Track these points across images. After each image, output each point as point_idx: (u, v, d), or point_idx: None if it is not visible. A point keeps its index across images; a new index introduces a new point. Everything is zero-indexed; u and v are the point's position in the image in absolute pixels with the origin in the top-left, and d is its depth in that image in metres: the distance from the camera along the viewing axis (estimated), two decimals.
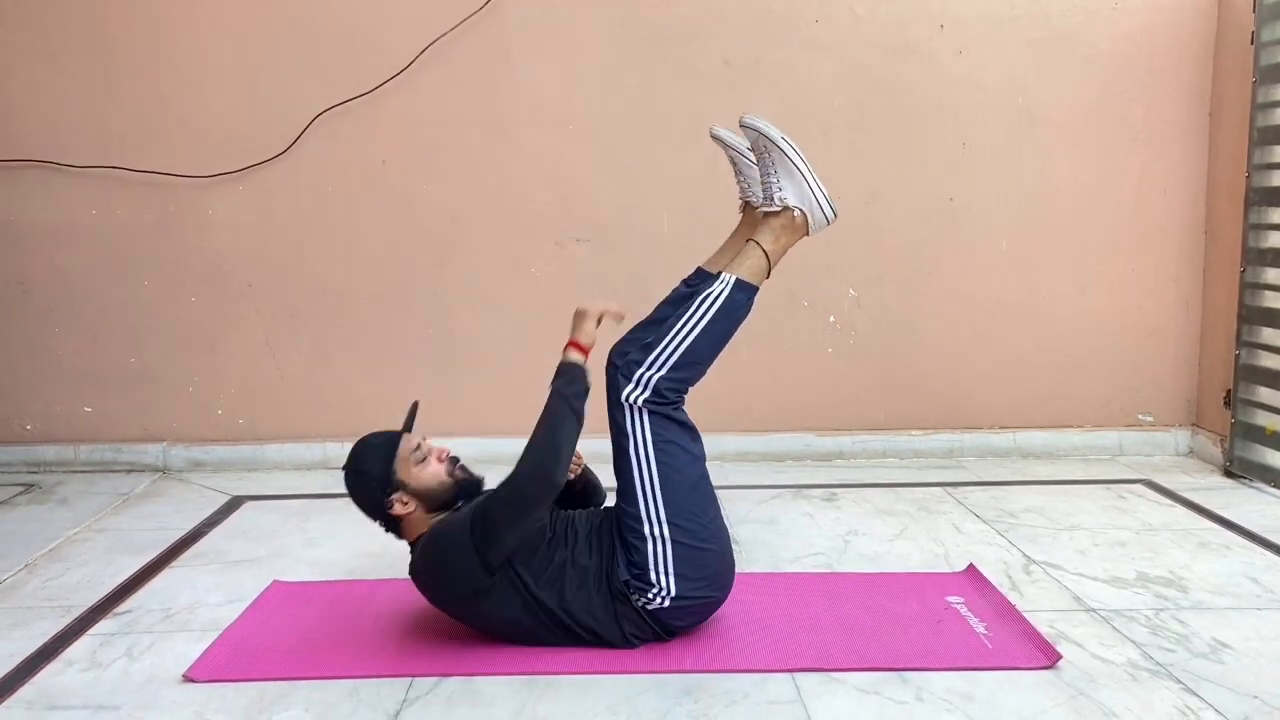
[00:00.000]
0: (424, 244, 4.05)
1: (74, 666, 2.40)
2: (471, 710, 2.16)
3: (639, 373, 2.38)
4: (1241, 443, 3.84)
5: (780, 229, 2.51)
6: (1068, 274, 4.15)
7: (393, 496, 2.35)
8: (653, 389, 2.37)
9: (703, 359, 2.43)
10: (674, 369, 2.39)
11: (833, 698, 2.21)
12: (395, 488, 2.35)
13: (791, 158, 2.48)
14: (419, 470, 2.37)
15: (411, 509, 2.37)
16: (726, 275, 2.47)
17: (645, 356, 2.39)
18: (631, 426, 2.37)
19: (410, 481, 2.36)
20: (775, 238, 2.51)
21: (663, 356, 2.39)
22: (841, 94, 4.02)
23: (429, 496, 2.37)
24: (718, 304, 2.43)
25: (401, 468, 2.36)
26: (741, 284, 2.46)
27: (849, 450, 4.18)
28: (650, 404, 2.37)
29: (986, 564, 2.97)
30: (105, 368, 4.07)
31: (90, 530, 3.39)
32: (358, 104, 3.93)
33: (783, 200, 2.50)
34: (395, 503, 2.35)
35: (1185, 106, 4.06)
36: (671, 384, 2.38)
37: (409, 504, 2.36)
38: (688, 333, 2.41)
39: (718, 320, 2.42)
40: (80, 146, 3.94)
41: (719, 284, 2.45)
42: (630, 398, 2.37)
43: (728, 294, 2.44)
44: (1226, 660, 2.36)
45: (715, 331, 2.42)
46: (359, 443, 2.43)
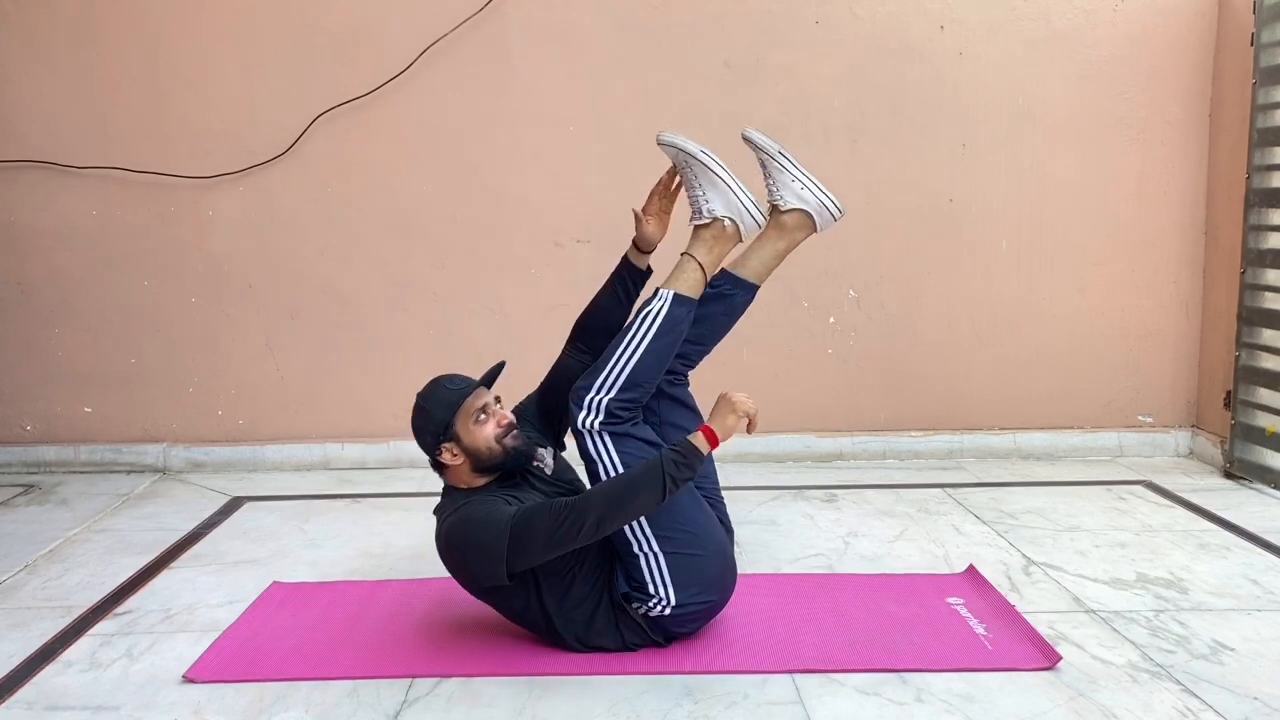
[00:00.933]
0: (424, 245, 4.05)
1: (74, 667, 2.40)
2: (471, 711, 2.16)
3: (588, 398, 2.39)
4: (1241, 444, 3.84)
5: (712, 240, 2.53)
6: (1067, 275, 4.15)
7: (444, 445, 2.35)
8: (605, 412, 2.38)
9: (649, 377, 2.44)
10: (622, 390, 2.39)
11: (833, 699, 2.21)
12: (450, 438, 2.35)
13: (713, 169, 2.50)
14: (476, 428, 2.35)
15: (459, 461, 2.37)
16: (664, 291, 2.48)
17: (593, 381, 2.40)
18: (596, 451, 2.39)
19: (465, 437, 2.35)
20: (708, 249, 2.53)
21: (610, 379, 2.39)
22: (841, 95, 4.02)
23: (477, 456, 2.36)
24: (659, 321, 2.44)
25: (461, 420, 2.35)
26: (680, 298, 2.47)
27: (849, 451, 4.18)
28: (605, 426, 2.38)
29: (986, 565, 2.97)
30: (105, 368, 4.07)
31: (90, 531, 3.39)
32: (358, 104, 3.93)
33: (711, 212, 2.52)
34: (445, 451, 2.36)
35: (1185, 107, 4.07)
36: (622, 404, 2.39)
37: (458, 456, 2.37)
38: (632, 353, 2.41)
39: (660, 336, 2.43)
40: (80, 147, 3.94)
41: (658, 300, 2.46)
42: (585, 424, 2.38)
43: (667, 310, 2.45)
44: (1226, 661, 2.36)
45: (659, 348, 2.43)
46: (434, 381, 2.43)
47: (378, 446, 4.10)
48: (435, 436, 2.36)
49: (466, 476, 2.40)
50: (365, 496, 3.75)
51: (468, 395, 2.38)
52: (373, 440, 4.11)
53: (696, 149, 2.50)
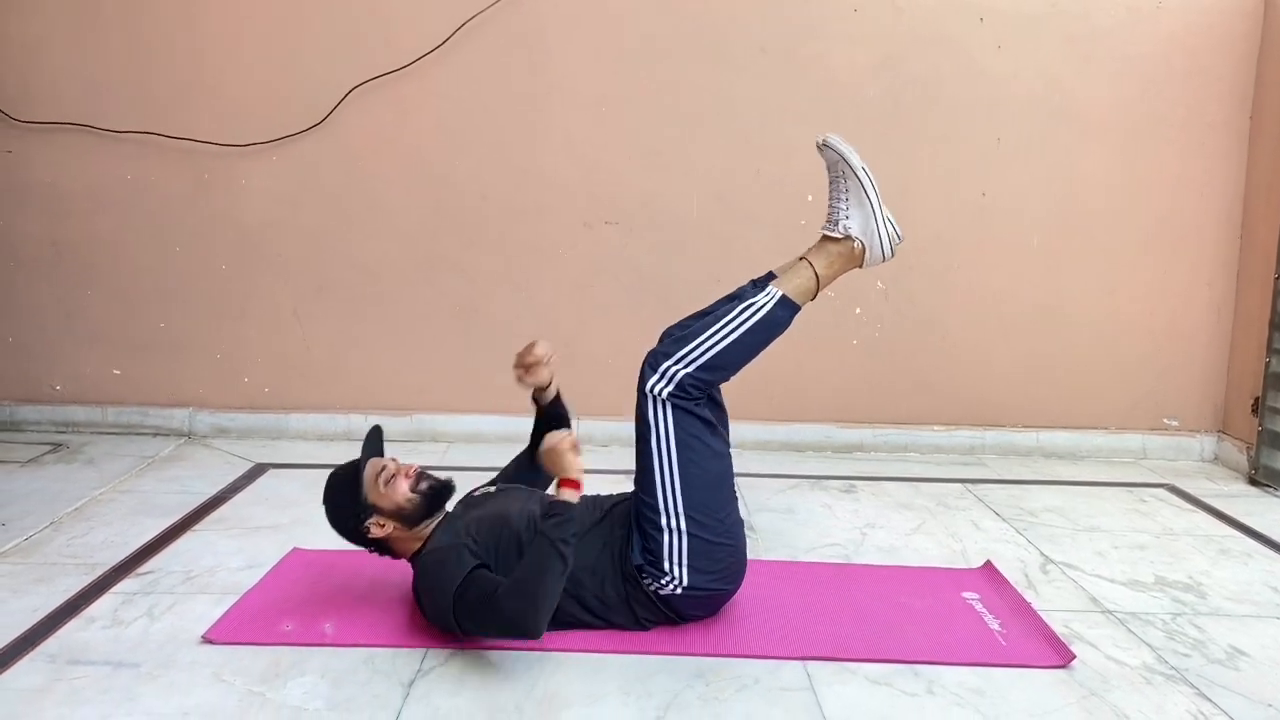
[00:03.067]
0: (453, 221, 4.06)
1: (96, 623, 2.44)
2: (484, 683, 2.18)
3: (666, 365, 2.37)
4: (1268, 451, 3.81)
5: (837, 255, 2.48)
6: (1098, 274, 4.11)
7: (368, 521, 2.37)
8: (677, 384, 2.36)
9: (732, 365, 2.42)
10: (701, 369, 2.37)
11: (844, 687, 2.21)
12: (369, 512, 2.37)
13: (866, 189, 2.44)
14: (388, 491, 2.37)
15: (389, 529, 2.38)
16: (773, 289, 2.45)
17: (676, 350, 2.38)
18: (654, 417, 2.37)
19: (381, 503, 2.37)
20: (829, 263, 2.48)
21: (693, 355, 2.38)
22: (876, 85, 3.99)
23: (402, 515, 2.38)
24: (758, 316, 2.41)
25: (371, 492, 2.37)
26: (786, 301, 2.44)
27: (869, 443, 4.17)
28: (674, 398, 2.37)
29: (1004, 562, 2.96)
30: (135, 332, 4.11)
31: (115, 491, 3.43)
32: (393, 79, 3.94)
33: (847, 229, 2.46)
34: (372, 526, 2.37)
35: (1226, 108, 4.02)
36: (696, 382, 2.38)
37: (385, 525, 2.38)
38: (723, 337, 2.39)
39: (755, 331, 2.41)
40: (118, 111, 3.97)
41: (764, 296, 2.44)
42: (654, 389, 2.37)
43: (770, 308, 2.42)
44: (1242, 667, 2.35)
45: (750, 341, 2.41)
46: (328, 477, 2.45)
47: (400, 419, 4.13)
48: (357, 517, 2.37)
49: (409, 539, 2.42)
50: None
51: (363, 469, 2.40)
52: (395, 413, 4.14)
53: (858, 162, 2.44)
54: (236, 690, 2.13)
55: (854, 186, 2.45)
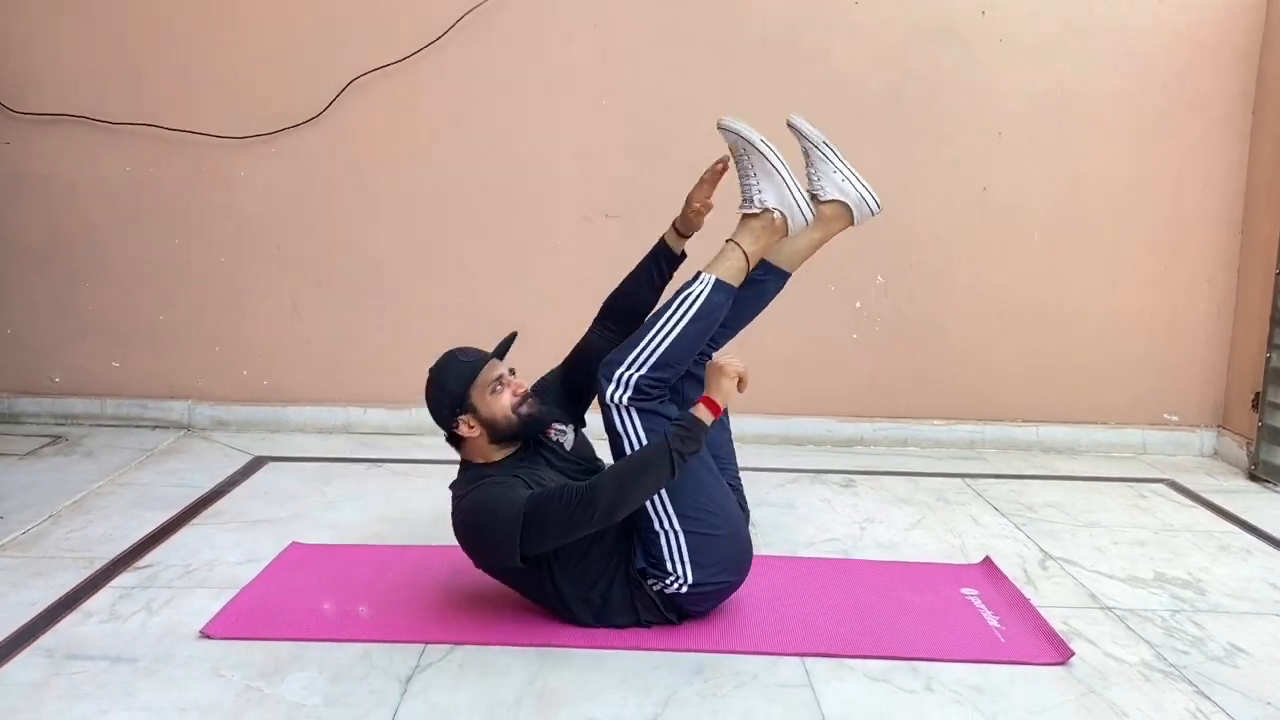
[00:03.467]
0: (452, 214, 4.05)
1: (94, 618, 2.43)
2: (483, 679, 2.18)
3: (618, 372, 2.38)
4: (1268, 447, 3.80)
5: (760, 230, 2.52)
6: (1099, 269, 4.10)
7: (461, 418, 2.37)
8: (634, 388, 2.37)
9: (681, 359, 2.43)
10: (653, 368, 2.38)
11: (841, 683, 2.21)
12: (465, 410, 2.37)
13: (770, 160, 2.48)
14: (492, 399, 2.37)
15: (476, 433, 2.39)
16: (706, 275, 2.47)
17: (625, 356, 2.39)
18: (621, 426, 2.38)
19: (481, 408, 2.37)
20: (755, 238, 2.52)
21: (642, 356, 2.39)
22: (878, 78, 3.98)
23: (493, 426, 2.38)
24: (696, 305, 2.43)
25: (477, 392, 2.37)
26: (721, 285, 2.46)
27: (869, 437, 4.17)
28: (634, 402, 2.37)
29: (1003, 558, 2.96)
30: (133, 324, 4.11)
31: (114, 484, 3.43)
32: (392, 71, 3.93)
33: (762, 202, 2.50)
34: (462, 424, 2.37)
35: (1228, 103, 4.00)
36: (651, 382, 2.38)
37: (475, 428, 2.38)
38: (667, 333, 2.40)
39: (696, 320, 2.42)
40: (115, 102, 3.96)
41: (698, 284, 2.45)
42: (613, 398, 2.37)
43: (707, 295, 2.44)
44: (1241, 665, 2.35)
45: (694, 330, 2.43)
46: (448, 354, 2.45)
47: (400, 412, 4.12)
48: (452, 409, 2.37)
49: (484, 449, 2.41)
50: (386, 461, 3.77)
51: (482, 367, 2.40)
52: (395, 406, 4.13)
53: (757, 138, 2.48)
54: (234, 685, 2.13)
55: (758, 159, 2.50)
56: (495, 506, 2.26)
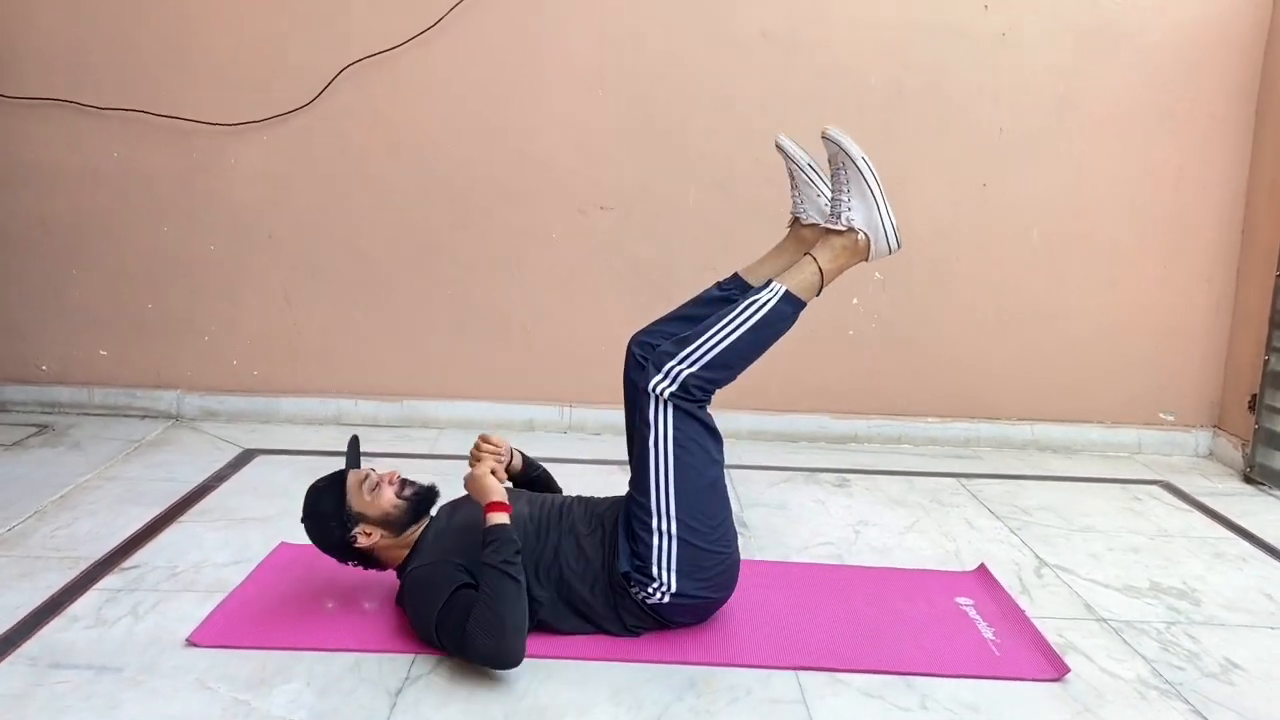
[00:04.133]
0: (446, 204, 4.00)
1: (79, 623, 2.40)
2: (472, 693, 2.15)
3: (670, 365, 2.33)
4: (1264, 450, 3.79)
5: (841, 249, 2.43)
6: (1098, 268, 4.07)
7: (355, 530, 2.34)
8: (681, 384, 2.32)
9: (736, 363, 2.38)
10: (706, 368, 2.33)
11: (836, 699, 2.19)
12: (355, 521, 2.34)
13: (868, 179, 2.39)
14: (373, 499, 2.35)
15: (376, 538, 2.35)
16: (777, 285, 2.40)
17: (679, 350, 2.34)
18: (655, 418, 2.33)
19: (368, 511, 2.34)
20: (834, 257, 2.43)
21: (697, 353, 2.33)
22: (879, 72, 3.93)
23: (389, 522, 2.36)
24: (763, 312, 2.37)
25: (355, 500, 2.34)
26: (790, 296, 2.40)
27: (864, 434, 4.14)
28: (676, 398, 2.32)
29: (998, 564, 2.94)
30: (122, 313, 4.06)
31: (101, 478, 3.39)
32: (386, 58, 3.87)
33: (850, 221, 2.41)
34: (359, 535, 2.34)
35: (1231, 101, 3.96)
36: (700, 382, 2.33)
37: (372, 534, 2.35)
38: (726, 335, 2.35)
39: (759, 328, 2.37)
40: (104, 87, 3.89)
41: (768, 292, 2.39)
42: (657, 389, 2.32)
43: (775, 303, 2.38)
44: (1236, 682, 2.33)
45: (754, 339, 2.37)
46: (308, 491, 2.41)
47: (390, 404, 4.09)
48: (343, 528, 2.34)
49: (393, 548, 2.39)
50: (376, 455, 3.72)
51: (345, 479, 2.38)
52: (385, 398, 4.10)
53: (859, 154, 2.39)
54: (221, 699, 2.10)
55: (854, 177, 2.41)
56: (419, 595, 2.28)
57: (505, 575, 2.17)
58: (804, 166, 2.56)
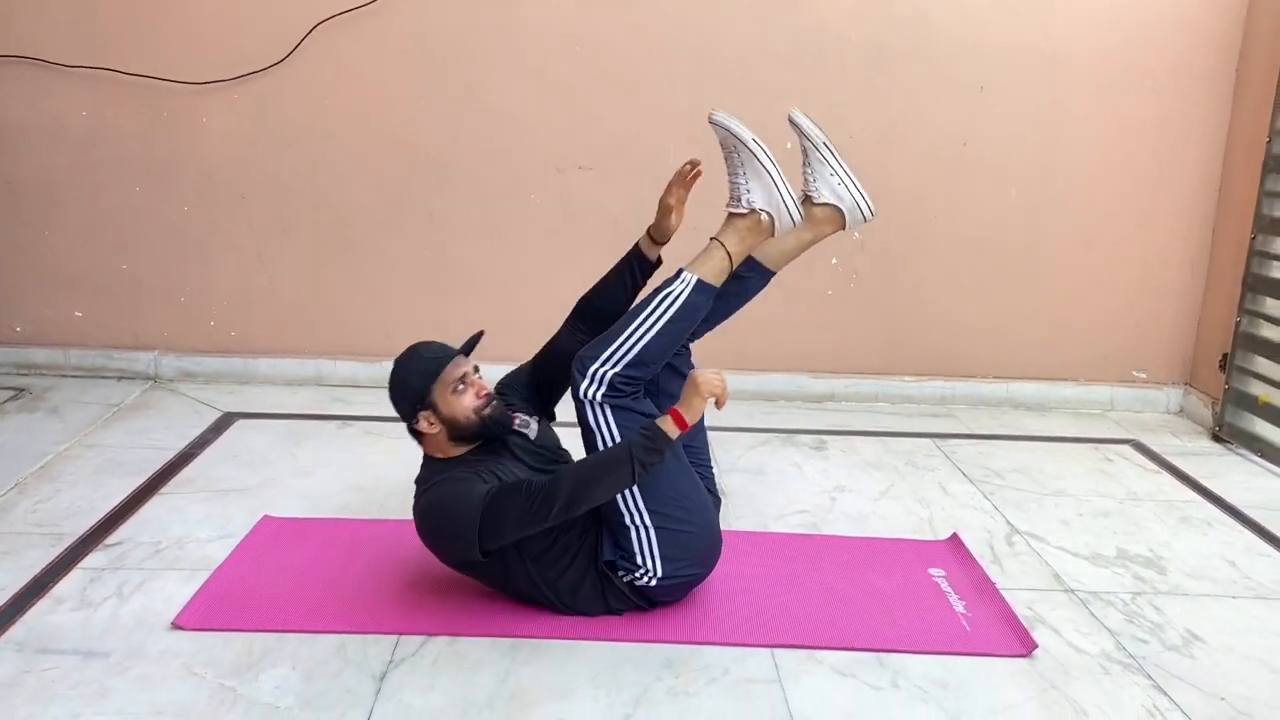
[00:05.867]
0: (421, 163, 3.95)
1: (64, 605, 2.42)
2: (456, 675, 2.20)
3: (593, 369, 2.36)
4: (1233, 410, 3.85)
5: (745, 230, 2.47)
6: (1075, 226, 4.09)
7: (421, 414, 2.35)
8: (608, 384, 2.35)
9: (658, 358, 2.41)
10: (628, 366, 2.36)
11: (810, 678, 2.25)
12: (427, 406, 2.35)
13: (761, 160, 2.42)
14: (454, 398, 2.35)
15: (436, 430, 2.37)
16: (688, 275, 2.43)
17: (600, 352, 2.37)
18: (595, 422, 2.37)
19: (442, 406, 2.35)
20: (740, 239, 2.47)
21: (618, 354, 2.36)
22: (860, 29, 3.88)
23: (454, 425, 2.37)
24: (677, 304, 2.40)
25: (439, 390, 2.35)
26: (702, 285, 2.43)
27: (841, 393, 4.18)
28: (608, 398, 2.35)
29: (970, 531, 3.00)
30: (96, 273, 4.02)
31: (81, 446, 3.39)
32: (359, 15, 3.79)
33: (750, 203, 2.45)
34: (422, 420, 2.36)
35: (1212, 60, 3.95)
36: (626, 379, 2.36)
37: (434, 425, 2.37)
38: (645, 331, 2.37)
39: (675, 320, 2.40)
40: (70, 45, 3.80)
41: (679, 283, 2.42)
42: (587, 394, 2.35)
43: (688, 295, 2.41)
44: (1198, 655, 2.41)
45: (672, 330, 2.40)
46: (411, 348, 2.43)
47: (370, 365, 4.09)
48: (413, 405, 2.35)
49: (444, 445, 2.40)
50: (357, 419, 3.75)
51: (446, 364, 2.37)
52: (365, 359, 4.10)
53: (749, 136, 2.41)
54: (208, 684, 2.14)
55: (748, 158, 2.44)
56: (453, 504, 2.26)
57: (632, 468, 2.19)
58: (819, 145, 2.55)
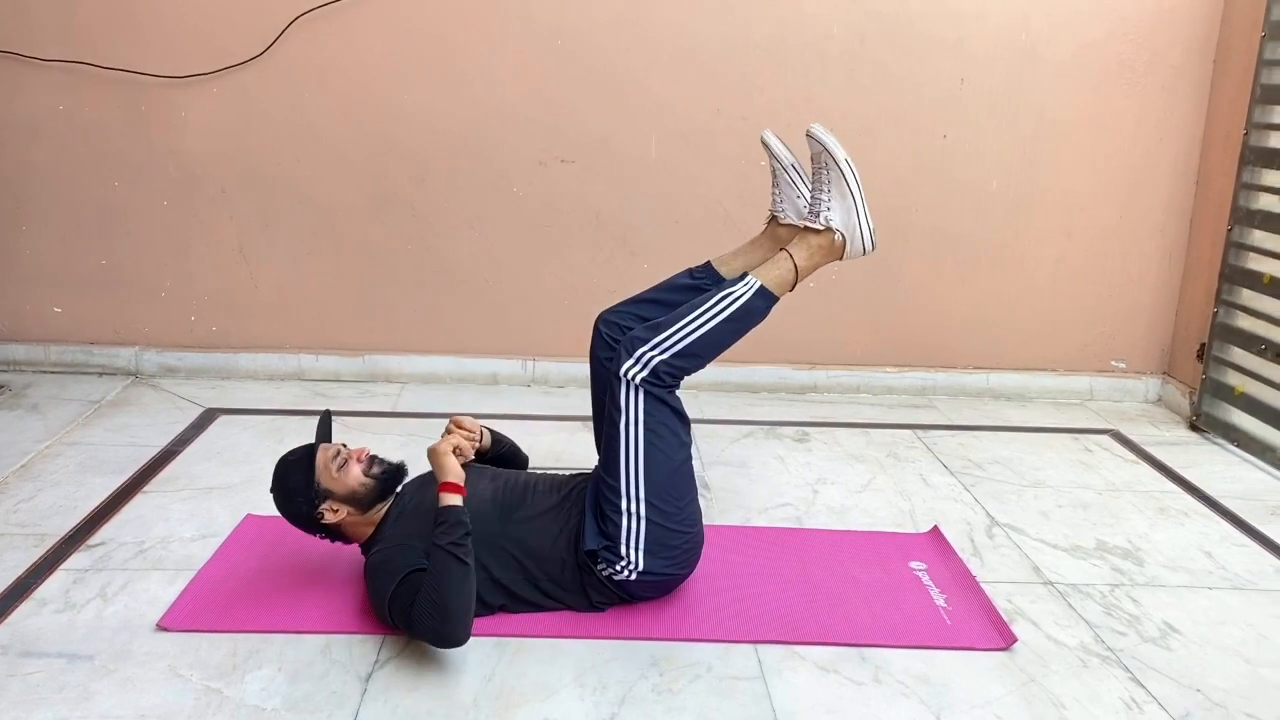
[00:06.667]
0: (403, 157, 3.94)
1: (48, 607, 2.42)
2: (441, 675, 2.21)
3: (641, 350, 2.36)
4: (1210, 399, 3.89)
5: (817, 248, 2.47)
6: (1055, 217, 4.11)
7: (321, 506, 2.36)
8: (652, 370, 2.36)
9: (707, 352, 2.42)
10: (677, 356, 2.37)
11: (793, 674, 2.27)
12: (322, 497, 2.36)
13: (849, 181, 2.43)
14: (341, 475, 2.37)
15: (342, 514, 2.38)
16: (752, 279, 2.44)
17: (652, 336, 2.38)
18: (627, 403, 2.37)
19: (335, 488, 2.37)
20: (810, 255, 2.48)
21: (669, 341, 2.37)
22: (841, 21, 3.89)
23: (355, 499, 2.38)
24: (737, 305, 2.41)
25: (324, 477, 2.36)
26: (764, 291, 2.44)
27: (823, 384, 4.20)
28: (647, 384, 2.36)
29: (950, 524, 3.03)
30: (75, 269, 3.99)
31: (62, 444, 3.38)
32: (340, 7, 3.77)
33: (828, 221, 2.45)
34: (325, 511, 2.37)
35: (1190, 51, 3.96)
36: (671, 369, 2.38)
37: (339, 510, 2.38)
38: (700, 325, 2.39)
39: (732, 320, 2.41)
40: (46, 38, 3.76)
41: (743, 285, 2.43)
42: (629, 374, 2.36)
43: (749, 298, 2.42)
44: (1174, 647, 2.44)
45: (726, 330, 2.41)
46: (278, 463, 2.43)
47: (352, 360, 4.08)
48: (309, 503, 2.36)
49: (361, 523, 2.42)
50: (338, 414, 3.71)
51: (314, 455, 2.39)
52: (347, 353, 4.09)
53: (842, 155, 2.42)
54: (193, 687, 2.14)
55: (836, 178, 2.45)
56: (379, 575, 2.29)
57: (453, 557, 2.20)
58: (788, 167, 2.58)
